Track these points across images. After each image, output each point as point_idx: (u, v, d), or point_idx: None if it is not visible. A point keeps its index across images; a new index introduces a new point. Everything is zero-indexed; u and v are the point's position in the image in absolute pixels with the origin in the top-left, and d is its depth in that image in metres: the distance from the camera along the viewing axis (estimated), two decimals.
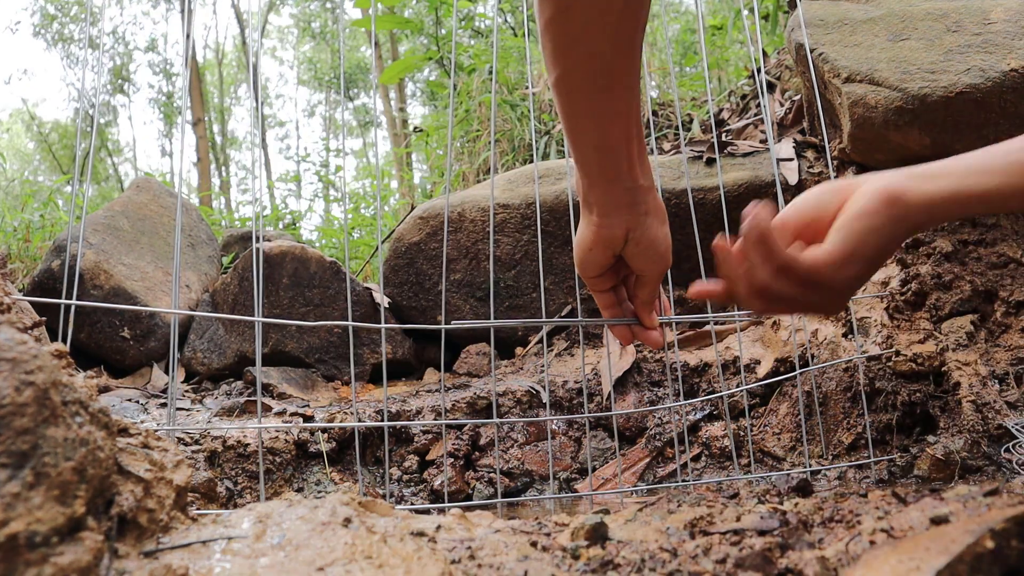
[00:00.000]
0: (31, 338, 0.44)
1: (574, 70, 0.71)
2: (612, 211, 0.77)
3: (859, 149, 1.45)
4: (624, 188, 0.76)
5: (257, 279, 0.97)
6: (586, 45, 0.69)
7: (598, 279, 0.85)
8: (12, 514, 0.38)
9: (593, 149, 0.75)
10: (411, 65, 4.04)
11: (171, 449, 0.56)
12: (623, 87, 0.72)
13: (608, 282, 0.86)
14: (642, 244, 0.79)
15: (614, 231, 0.78)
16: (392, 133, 11.92)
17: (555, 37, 0.70)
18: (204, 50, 20.24)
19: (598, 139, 0.74)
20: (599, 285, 0.86)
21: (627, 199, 0.77)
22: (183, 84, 0.98)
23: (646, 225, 0.79)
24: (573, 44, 0.70)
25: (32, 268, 2.76)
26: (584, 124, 0.74)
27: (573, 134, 0.76)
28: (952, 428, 1.08)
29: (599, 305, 0.89)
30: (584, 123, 0.74)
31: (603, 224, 0.78)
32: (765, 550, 0.49)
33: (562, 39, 0.70)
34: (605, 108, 0.72)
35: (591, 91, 0.72)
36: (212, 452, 1.21)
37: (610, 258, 0.81)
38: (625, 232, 0.78)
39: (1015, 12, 1.32)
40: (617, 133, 0.74)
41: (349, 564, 0.46)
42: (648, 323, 0.88)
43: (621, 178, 0.75)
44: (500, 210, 1.83)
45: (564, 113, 0.75)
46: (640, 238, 0.79)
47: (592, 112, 0.73)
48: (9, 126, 19.01)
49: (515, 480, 1.35)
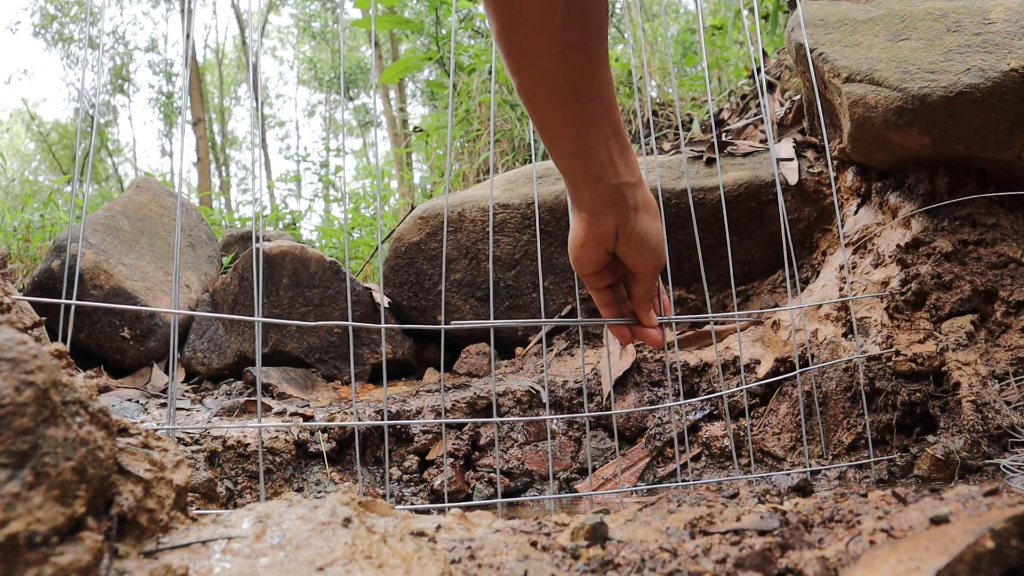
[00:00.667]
0: (31, 338, 0.44)
1: (531, 83, 0.70)
2: (600, 208, 0.77)
3: (859, 149, 1.45)
4: (609, 186, 0.75)
5: (257, 279, 0.97)
6: (536, 61, 0.68)
7: (594, 276, 0.84)
8: (12, 514, 0.38)
9: (568, 154, 0.74)
10: (411, 65, 4.04)
11: (171, 449, 0.56)
12: (586, 97, 0.70)
13: (605, 280, 0.86)
14: (632, 239, 0.79)
15: (604, 227, 0.78)
16: (392, 133, 11.93)
17: (506, 52, 0.69)
18: (204, 50, 20.26)
19: (571, 144, 0.73)
20: (595, 283, 0.86)
21: (613, 196, 0.76)
22: (183, 84, 0.98)
23: (635, 220, 0.78)
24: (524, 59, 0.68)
25: (32, 268, 2.76)
26: (553, 131, 0.73)
27: (546, 138, 0.75)
28: (952, 428, 1.08)
29: (597, 303, 0.88)
30: (553, 131, 0.73)
31: (592, 221, 0.78)
32: (765, 550, 0.49)
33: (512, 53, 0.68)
34: (570, 114, 0.71)
35: (554, 101, 0.70)
36: (212, 452, 1.21)
37: (603, 255, 0.81)
38: (615, 228, 0.78)
39: (1015, 12, 1.32)
40: (590, 137, 0.72)
41: (349, 564, 0.46)
42: (646, 321, 0.88)
43: (604, 177, 0.75)
44: (500, 210, 1.83)
45: (533, 119, 0.74)
46: (630, 234, 0.78)
47: (557, 119, 0.72)
48: (9, 126, 19.02)
49: (515, 480, 1.35)
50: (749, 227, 1.71)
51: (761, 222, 1.72)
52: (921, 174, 1.40)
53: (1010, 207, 1.33)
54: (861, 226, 1.52)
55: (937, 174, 1.38)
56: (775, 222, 1.70)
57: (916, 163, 1.40)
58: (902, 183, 1.45)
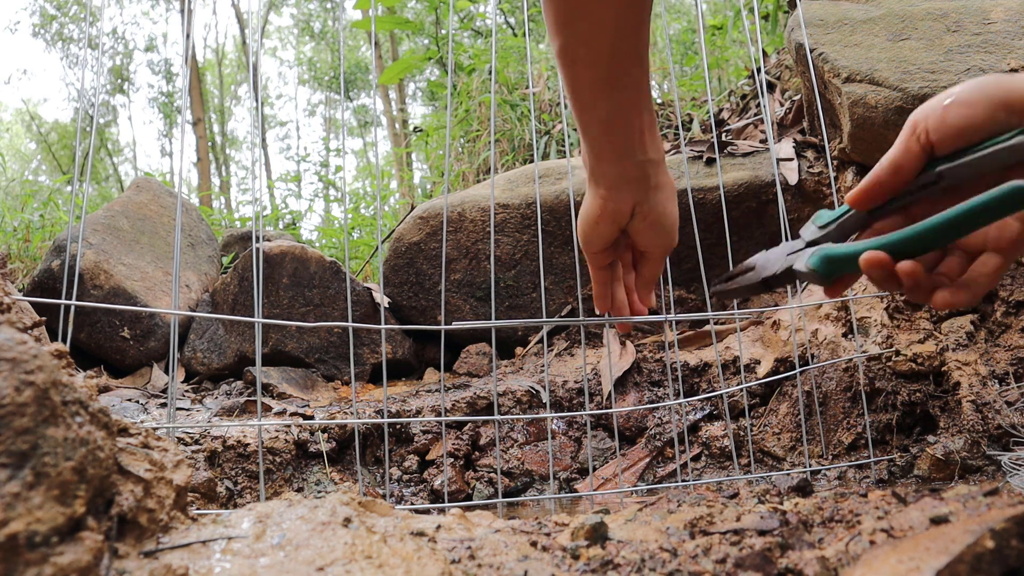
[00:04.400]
0: (31, 338, 0.44)
1: (578, 39, 0.68)
2: (620, 184, 0.76)
3: (859, 149, 1.45)
4: (634, 162, 0.74)
5: (257, 279, 0.97)
6: (590, 13, 0.66)
7: (600, 254, 0.83)
8: (12, 514, 0.38)
9: (599, 122, 0.72)
10: (411, 65, 4.04)
11: (171, 449, 0.56)
12: (631, 56, 0.69)
13: (608, 258, 0.84)
14: (650, 218, 0.78)
15: (621, 204, 0.76)
16: (392, 133, 11.93)
17: (558, 6, 0.67)
18: (204, 50, 20.26)
19: (605, 111, 0.71)
20: (599, 260, 0.84)
21: (636, 172, 0.75)
22: (183, 84, 0.98)
23: (655, 200, 0.77)
24: (577, 12, 0.66)
25: (32, 268, 2.76)
26: (590, 95, 0.71)
27: (579, 106, 0.73)
28: (952, 428, 1.08)
29: (594, 281, 0.87)
30: (590, 94, 0.71)
31: (610, 197, 0.76)
32: (765, 550, 0.49)
33: (565, 7, 0.67)
34: (612, 78, 0.69)
35: (596, 61, 0.69)
36: (212, 452, 1.21)
37: (615, 232, 0.80)
38: (632, 206, 0.77)
39: (1015, 12, 1.32)
40: (625, 104, 0.71)
41: (349, 564, 0.46)
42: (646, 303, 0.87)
43: (631, 151, 0.73)
44: (500, 210, 1.83)
45: (569, 85, 0.72)
46: (648, 212, 0.77)
47: (598, 82, 0.70)
48: (9, 126, 19.02)
49: (515, 480, 1.35)
50: (749, 227, 1.71)
51: (761, 222, 1.72)
52: None
53: None
54: None
55: None
56: (775, 222, 1.70)
57: None
58: None
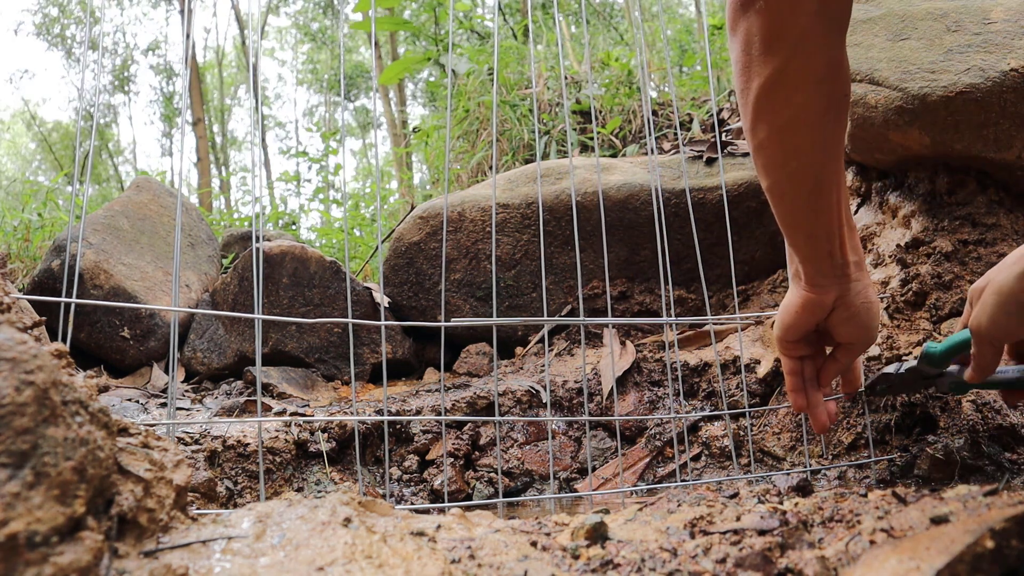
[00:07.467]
0: (31, 338, 0.44)
1: (786, 180, 0.78)
2: (822, 281, 0.83)
3: (859, 149, 1.45)
4: (834, 264, 0.82)
5: (257, 279, 0.97)
6: (799, 159, 0.75)
7: (794, 344, 0.89)
8: (12, 514, 0.38)
9: (805, 237, 0.81)
10: (410, 66, 4.04)
11: (171, 449, 0.56)
12: (833, 184, 0.78)
13: (801, 350, 0.90)
14: (851, 309, 0.84)
15: (824, 297, 0.83)
16: (392, 134, 11.92)
17: (769, 155, 0.77)
18: (204, 51, 20.26)
19: (809, 229, 0.80)
20: (792, 351, 0.90)
21: (837, 272, 0.83)
22: (183, 84, 0.98)
23: (855, 292, 0.84)
24: (787, 159, 0.76)
25: (32, 268, 2.76)
26: (796, 219, 0.81)
27: (786, 226, 0.83)
28: (952, 428, 1.08)
29: (785, 371, 0.93)
30: (796, 218, 0.81)
31: (812, 291, 0.84)
32: (765, 550, 0.49)
33: (777, 156, 0.77)
34: (816, 205, 0.78)
35: (803, 194, 0.78)
36: (212, 452, 1.21)
37: (812, 324, 0.86)
38: (834, 298, 0.84)
39: (1015, 12, 1.31)
40: (829, 222, 0.80)
41: (349, 564, 0.46)
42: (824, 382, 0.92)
43: (832, 257, 0.81)
44: (500, 210, 1.82)
45: (778, 212, 0.82)
46: (849, 304, 0.84)
47: (802, 210, 0.79)
48: (10, 126, 19.02)
49: (515, 480, 1.35)
50: (749, 227, 1.71)
51: (761, 222, 1.72)
52: (921, 174, 1.40)
53: (1010, 207, 1.33)
54: (861, 226, 1.52)
55: (937, 174, 1.38)
56: (775, 222, 1.69)
57: (916, 163, 1.40)
58: (902, 183, 1.45)
